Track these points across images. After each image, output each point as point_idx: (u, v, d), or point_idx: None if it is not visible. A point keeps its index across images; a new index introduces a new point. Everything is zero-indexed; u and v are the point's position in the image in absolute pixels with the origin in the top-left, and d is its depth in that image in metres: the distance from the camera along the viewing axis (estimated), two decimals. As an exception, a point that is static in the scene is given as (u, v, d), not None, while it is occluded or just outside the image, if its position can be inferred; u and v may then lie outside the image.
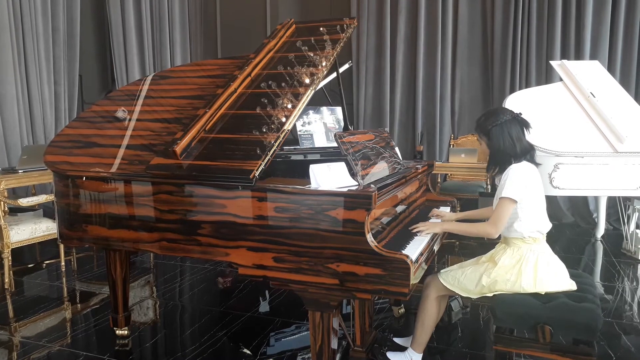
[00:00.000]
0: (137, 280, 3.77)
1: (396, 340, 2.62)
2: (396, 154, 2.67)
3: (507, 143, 2.15)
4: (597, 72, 4.65)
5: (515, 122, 2.17)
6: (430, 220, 2.43)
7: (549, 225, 2.22)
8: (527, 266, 2.11)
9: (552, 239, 2.31)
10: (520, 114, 2.21)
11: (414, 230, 2.23)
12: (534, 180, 2.15)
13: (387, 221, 2.22)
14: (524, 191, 2.09)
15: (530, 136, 2.23)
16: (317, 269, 1.84)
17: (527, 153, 2.18)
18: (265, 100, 2.22)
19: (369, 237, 1.78)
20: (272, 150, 2.03)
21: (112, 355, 2.58)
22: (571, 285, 2.14)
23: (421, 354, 2.33)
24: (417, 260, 1.89)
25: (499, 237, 2.22)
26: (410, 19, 6.06)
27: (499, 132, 2.16)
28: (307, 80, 2.34)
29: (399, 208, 2.43)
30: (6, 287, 3.51)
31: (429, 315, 2.29)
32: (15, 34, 4.80)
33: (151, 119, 2.57)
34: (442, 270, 2.31)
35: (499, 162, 2.20)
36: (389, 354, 2.38)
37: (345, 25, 2.67)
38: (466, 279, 2.20)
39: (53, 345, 2.70)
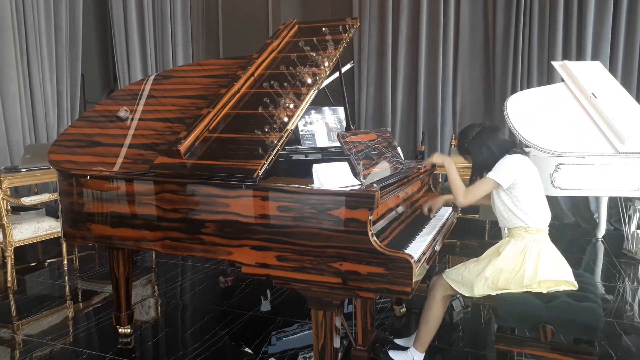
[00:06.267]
0: (139, 279, 3.78)
1: (397, 341, 2.62)
2: (398, 154, 2.68)
3: (485, 152, 2.31)
4: (598, 72, 4.64)
5: (486, 130, 2.34)
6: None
7: (549, 216, 2.29)
8: (531, 255, 2.16)
9: (554, 239, 2.33)
10: (486, 123, 2.40)
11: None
12: (528, 170, 2.24)
13: (389, 220, 2.22)
14: (511, 179, 2.20)
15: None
16: (320, 268, 1.85)
17: (511, 148, 2.30)
18: (268, 100, 2.22)
19: (372, 236, 1.79)
20: (276, 150, 2.04)
21: (114, 354, 2.59)
22: (571, 279, 2.15)
23: (423, 354, 2.34)
24: (419, 260, 1.91)
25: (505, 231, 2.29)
26: (411, 19, 6.06)
27: (475, 145, 2.33)
28: (309, 80, 2.34)
29: (401, 208, 2.44)
30: (9, 285, 3.53)
31: (434, 315, 2.31)
32: (17, 33, 4.82)
33: (154, 118, 2.58)
34: (446, 270, 2.35)
35: (484, 169, 2.35)
36: (391, 353, 2.39)
37: (347, 25, 2.67)
38: (469, 273, 2.24)
39: (56, 344, 2.71)
